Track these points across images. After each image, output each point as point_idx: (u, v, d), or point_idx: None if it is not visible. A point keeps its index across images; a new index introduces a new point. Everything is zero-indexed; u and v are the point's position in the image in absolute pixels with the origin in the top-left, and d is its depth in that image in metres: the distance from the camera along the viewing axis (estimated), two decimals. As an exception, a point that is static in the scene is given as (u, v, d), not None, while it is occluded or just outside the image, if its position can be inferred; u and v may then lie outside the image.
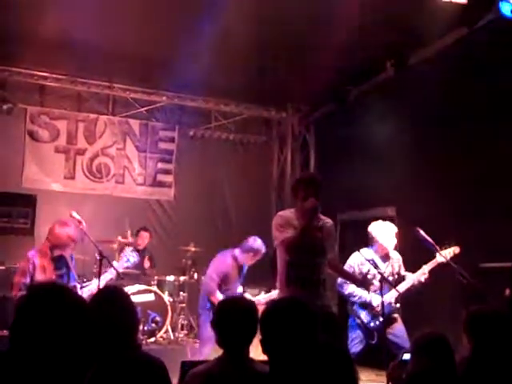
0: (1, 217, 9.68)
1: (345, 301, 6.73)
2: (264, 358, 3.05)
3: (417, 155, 8.09)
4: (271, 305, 3.13)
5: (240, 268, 7.42)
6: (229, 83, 9.75)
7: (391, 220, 8.36)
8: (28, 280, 5.72)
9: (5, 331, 6.94)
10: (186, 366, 3.69)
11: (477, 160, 7.24)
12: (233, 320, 3.32)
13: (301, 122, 11.84)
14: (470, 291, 5.82)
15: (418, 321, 6.93)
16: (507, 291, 5.92)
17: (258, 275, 8.39)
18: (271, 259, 9.16)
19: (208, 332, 7.13)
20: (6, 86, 10.14)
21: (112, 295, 3.27)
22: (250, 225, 10.15)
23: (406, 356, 3.77)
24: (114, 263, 6.31)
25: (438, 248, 6.20)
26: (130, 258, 6.47)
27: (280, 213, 5.74)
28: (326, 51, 8.21)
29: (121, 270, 6.34)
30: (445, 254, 6.28)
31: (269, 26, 7.83)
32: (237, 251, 7.34)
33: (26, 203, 9.83)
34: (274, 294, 7.10)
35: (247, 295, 7.59)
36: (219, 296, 7.09)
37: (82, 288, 6.04)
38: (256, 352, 3.25)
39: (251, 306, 3.46)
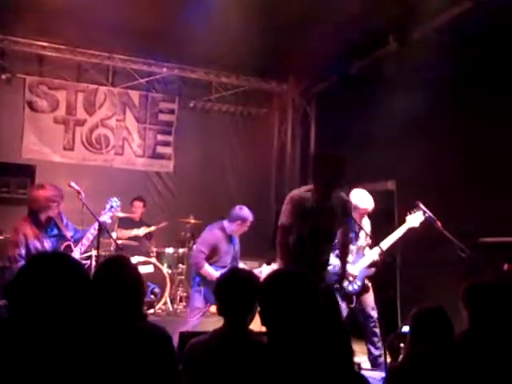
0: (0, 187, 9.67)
1: None
2: (263, 329, 3.06)
3: (418, 129, 8.04)
4: (270, 276, 3.13)
5: (229, 240, 7.38)
6: (230, 55, 9.67)
7: (391, 194, 8.39)
8: (23, 251, 5.71)
9: (3, 301, 6.96)
10: (184, 337, 3.70)
11: (478, 135, 7.20)
12: (233, 289, 3.33)
13: (302, 94, 11.77)
14: (469, 266, 5.83)
15: (416, 295, 6.97)
16: (506, 266, 5.93)
17: (259, 248, 8.41)
18: (273, 231, 9.18)
19: (195, 304, 7.18)
20: (4, 56, 10.06)
21: (119, 265, 3.27)
22: (249, 197, 10.15)
23: (405, 328, 3.78)
24: (105, 216, 6.28)
25: (438, 222, 6.20)
26: (112, 203, 6.45)
27: (297, 194, 5.68)
28: (328, 24, 8.14)
29: (109, 215, 6.31)
30: (413, 218, 6.42)
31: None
32: (225, 222, 7.31)
33: (25, 174, 9.81)
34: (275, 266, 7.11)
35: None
36: (208, 268, 7.05)
37: (75, 246, 6.04)
38: (254, 323, 3.26)
39: (251, 275, 3.47)
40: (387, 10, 7.71)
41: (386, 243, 6.62)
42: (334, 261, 6.34)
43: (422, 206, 6.31)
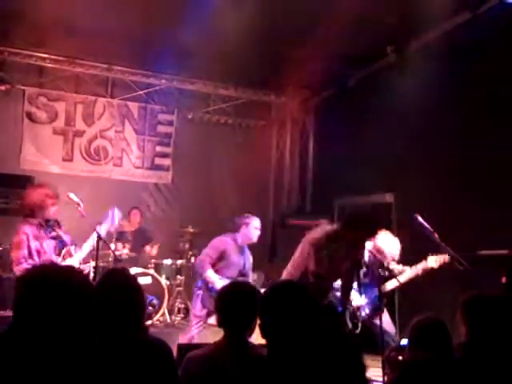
0: (-2, 198, 9.66)
1: None
2: (262, 341, 3.05)
3: (416, 141, 8.06)
4: (269, 289, 3.12)
5: (241, 252, 7.34)
6: (228, 67, 9.69)
7: (389, 206, 8.38)
8: (26, 251, 5.68)
9: (1, 312, 6.94)
10: (183, 350, 3.69)
11: (477, 147, 7.21)
12: (235, 303, 3.32)
13: (300, 106, 11.80)
14: (468, 278, 5.83)
15: (415, 307, 6.94)
16: (504, 278, 5.92)
17: (256, 260, 8.39)
18: (270, 244, 9.18)
19: (196, 310, 7.13)
20: (3, 67, 10.09)
21: (121, 277, 3.27)
22: (248, 209, 10.13)
23: (404, 341, 3.78)
24: (102, 228, 6.27)
25: (436, 235, 6.20)
26: (114, 215, 6.43)
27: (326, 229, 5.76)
28: (326, 36, 8.15)
29: (105, 227, 6.27)
30: (435, 260, 6.38)
31: (269, 9, 7.77)
32: (237, 236, 7.29)
33: (23, 185, 9.72)
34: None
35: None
36: (211, 274, 6.96)
37: (76, 250, 6.05)
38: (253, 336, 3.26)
39: (253, 289, 3.47)
40: (385, 21, 7.73)
41: (403, 278, 6.63)
42: None
43: (419, 218, 6.29)
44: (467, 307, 3.55)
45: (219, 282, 6.77)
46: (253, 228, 7.24)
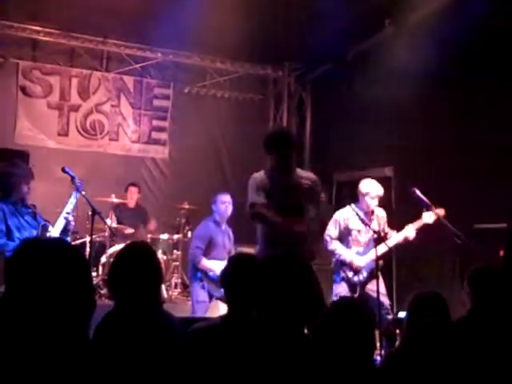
0: (-8, 172, 9.57)
1: None
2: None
3: (415, 115, 8.02)
4: (263, 260, 3.09)
5: (222, 230, 7.52)
6: (225, 40, 9.59)
7: (388, 180, 8.35)
8: (4, 227, 5.58)
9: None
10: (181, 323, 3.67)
11: (475, 121, 7.18)
12: (237, 275, 3.29)
13: (297, 80, 11.72)
14: (465, 252, 5.83)
15: (413, 281, 6.97)
16: (501, 252, 5.93)
17: (252, 233, 8.37)
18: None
19: (199, 298, 7.23)
20: (-3, 40, 9.97)
21: (142, 251, 3.29)
22: (245, 183, 10.08)
23: (401, 314, 3.79)
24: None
25: (434, 208, 6.18)
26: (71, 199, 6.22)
27: (255, 175, 5.89)
28: (324, 9, 8.08)
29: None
30: (430, 215, 6.35)
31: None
32: (215, 215, 7.54)
33: (18, 159, 9.71)
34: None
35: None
36: (206, 262, 7.13)
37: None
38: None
39: (255, 260, 3.45)
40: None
41: (397, 238, 6.61)
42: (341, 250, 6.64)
43: (418, 192, 6.27)
44: (475, 278, 3.57)
45: (215, 265, 6.93)
46: (220, 203, 7.43)
